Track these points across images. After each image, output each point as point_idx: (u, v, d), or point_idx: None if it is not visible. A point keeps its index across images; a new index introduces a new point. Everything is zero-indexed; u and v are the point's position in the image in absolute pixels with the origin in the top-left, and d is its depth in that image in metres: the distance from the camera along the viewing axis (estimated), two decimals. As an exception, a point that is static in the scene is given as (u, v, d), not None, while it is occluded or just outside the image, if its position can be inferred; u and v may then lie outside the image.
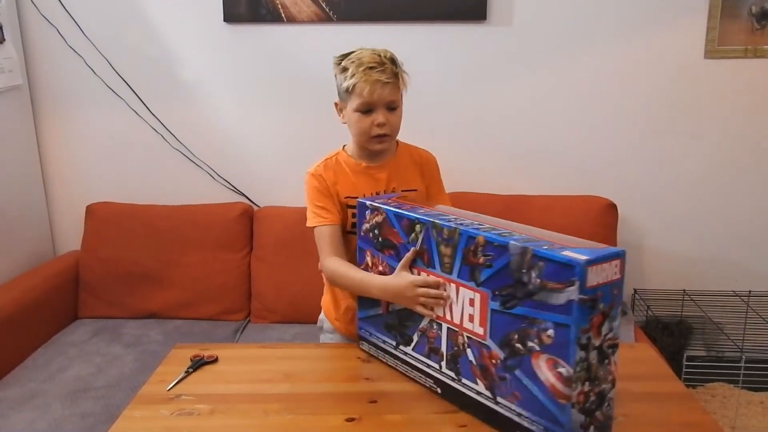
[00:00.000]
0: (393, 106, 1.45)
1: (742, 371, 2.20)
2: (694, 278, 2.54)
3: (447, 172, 2.37)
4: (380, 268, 1.38)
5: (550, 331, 1.01)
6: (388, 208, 1.33)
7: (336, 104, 1.52)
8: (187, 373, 1.39)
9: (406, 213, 1.29)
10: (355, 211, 1.46)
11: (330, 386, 1.37)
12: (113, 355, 2.16)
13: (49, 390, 1.93)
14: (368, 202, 1.39)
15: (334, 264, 1.46)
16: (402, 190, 1.53)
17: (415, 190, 1.55)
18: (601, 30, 2.44)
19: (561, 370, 1.01)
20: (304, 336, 2.26)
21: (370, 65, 1.40)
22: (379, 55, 1.43)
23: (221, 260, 2.47)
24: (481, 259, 1.13)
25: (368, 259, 1.42)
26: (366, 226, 1.41)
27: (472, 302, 1.16)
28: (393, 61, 1.44)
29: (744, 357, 2.19)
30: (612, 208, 2.41)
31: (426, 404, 1.27)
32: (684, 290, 2.48)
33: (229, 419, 1.23)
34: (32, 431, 1.74)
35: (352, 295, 1.52)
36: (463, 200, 2.36)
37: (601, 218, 2.37)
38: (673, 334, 2.42)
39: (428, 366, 1.28)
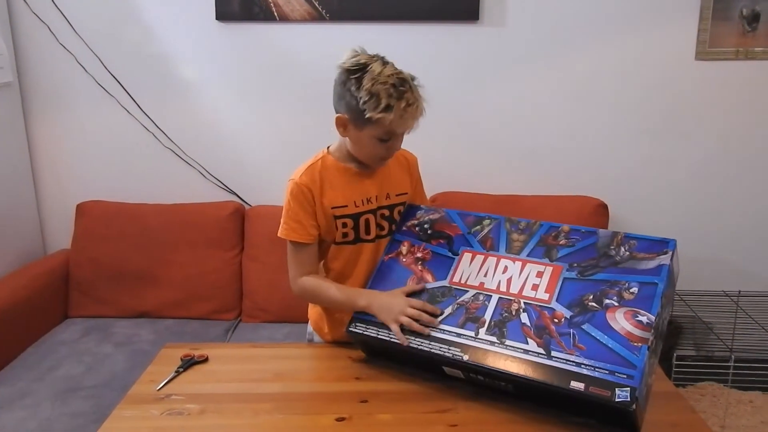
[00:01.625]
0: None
1: (732, 370, 2.21)
2: (685, 278, 2.53)
3: (439, 172, 2.38)
4: (418, 255, 1.43)
5: (634, 289, 1.19)
6: (449, 209, 1.49)
7: (339, 119, 1.39)
8: (178, 373, 1.39)
9: (473, 213, 1.46)
10: (345, 221, 1.45)
11: (321, 386, 1.38)
12: (104, 354, 2.15)
13: (39, 389, 1.92)
14: (423, 206, 1.54)
15: (307, 283, 1.46)
16: (396, 195, 1.52)
17: (406, 194, 1.55)
18: (593, 31, 2.45)
19: (641, 318, 1.15)
20: (296, 335, 2.25)
21: (409, 102, 1.32)
22: (410, 84, 1.34)
23: (213, 259, 2.46)
24: (563, 241, 1.31)
25: (404, 248, 1.45)
26: (413, 222, 1.49)
27: (540, 274, 1.29)
28: (417, 87, 1.37)
29: (733, 356, 2.21)
30: (603, 208, 2.42)
31: (417, 404, 1.27)
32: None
33: (219, 419, 1.22)
34: (22, 431, 1.73)
35: None
36: (454, 200, 2.37)
37: (592, 218, 2.37)
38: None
39: (458, 335, 1.26)
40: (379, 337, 1.34)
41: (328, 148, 1.51)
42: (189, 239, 2.47)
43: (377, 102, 1.30)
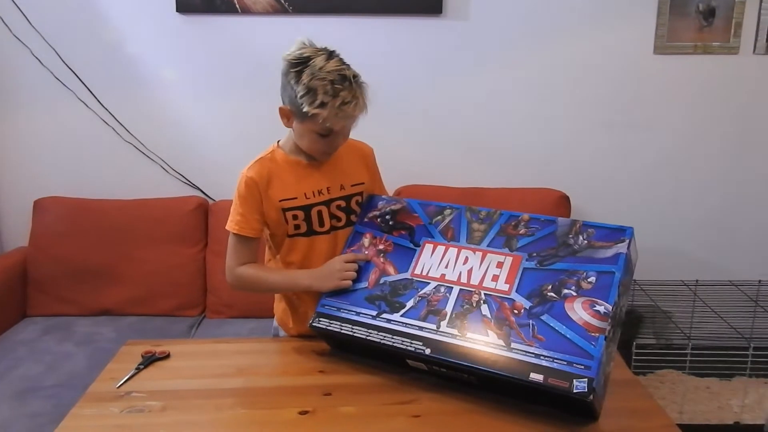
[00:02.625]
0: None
1: (689, 358, 2.27)
2: (645, 269, 2.59)
3: (403, 165, 2.38)
4: (380, 247, 1.43)
5: (592, 278, 1.21)
6: (411, 199, 1.50)
7: (282, 110, 1.41)
8: (138, 370, 1.37)
9: (435, 202, 1.46)
10: (295, 213, 1.45)
11: (284, 380, 1.37)
12: (64, 353, 2.11)
13: (-5, 390, 1.88)
14: (384, 196, 1.55)
15: (245, 272, 1.46)
16: (351, 185, 1.51)
17: (363, 183, 1.54)
18: (554, 26, 2.47)
19: (599, 308, 1.17)
20: (261, 331, 2.23)
21: (345, 101, 1.30)
22: (350, 82, 1.31)
23: (176, 255, 2.43)
24: (523, 231, 1.33)
25: (365, 240, 1.46)
26: (374, 213, 1.50)
27: (500, 264, 1.30)
28: (361, 86, 1.34)
29: (691, 344, 2.26)
30: (565, 200, 2.46)
31: (380, 396, 1.27)
32: (635, 280, 2.54)
33: (180, 415, 1.21)
34: (-22, 432, 1.69)
35: (313, 299, 1.45)
36: (419, 193, 2.37)
37: (554, 210, 2.41)
38: (624, 323, 2.47)
39: (420, 329, 1.26)
40: (343, 332, 1.34)
41: (279, 141, 1.52)
42: (151, 235, 2.43)
43: (313, 97, 1.30)
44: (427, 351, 1.23)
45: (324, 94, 1.29)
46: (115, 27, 2.45)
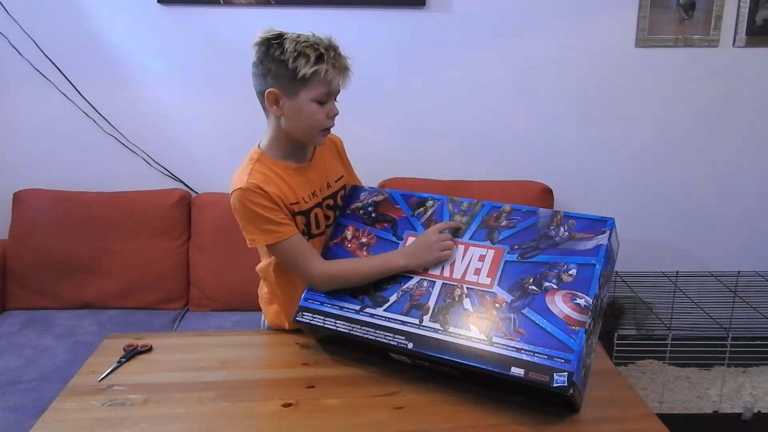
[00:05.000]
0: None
1: (669, 348, 2.30)
2: (626, 260, 2.62)
3: (386, 158, 2.38)
4: (363, 240, 1.42)
5: (572, 271, 1.21)
6: (393, 190, 1.49)
7: (270, 93, 1.32)
8: (120, 363, 1.36)
9: (417, 193, 1.46)
10: (299, 218, 1.40)
11: (267, 372, 1.37)
12: (44, 347, 2.09)
13: (-26, 384, 1.86)
14: (366, 187, 1.53)
15: (331, 269, 1.37)
16: (335, 181, 1.50)
17: (342, 176, 1.54)
18: (536, 18, 2.48)
19: (579, 301, 1.17)
20: (245, 324, 2.24)
21: (337, 53, 1.29)
22: (328, 41, 1.31)
23: (158, 248, 2.42)
24: (504, 223, 1.32)
25: (348, 233, 1.45)
26: (357, 205, 1.49)
27: (482, 258, 1.30)
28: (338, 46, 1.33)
29: (671, 335, 2.29)
30: (547, 192, 2.47)
31: (363, 388, 1.28)
32: (616, 272, 2.56)
33: (162, 408, 1.21)
34: (-43, 428, 1.68)
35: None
36: (401, 185, 2.37)
37: (537, 202, 2.42)
38: (605, 314, 2.50)
39: (403, 323, 1.27)
40: (326, 326, 1.34)
41: (259, 146, 1.41)
42: (134, 228, 2.41)
43: (306, 57, 1.26)
44: (410, 345, 1.24)
45: (315, 51, 1.27)
46: (95, 17, 2.42)
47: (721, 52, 2.52)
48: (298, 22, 2.41)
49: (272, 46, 1.29)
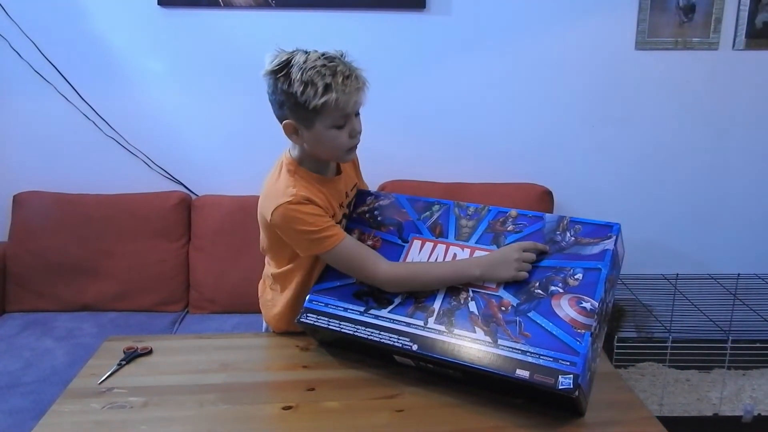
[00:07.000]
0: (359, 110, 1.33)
1: (669, 351, 2.29)
2: (626, 263, 2.61)
3: (386, 160, 2.38)
4: (369, 243, 1.42)
5: (579, 275, 1.21)
6: (400, 194, 1.50)
7: (287, 126, 1.30)
8: (120, 366, 1.36)
9: (423, 198, 1.47)
10: None
11: (267, 375, 1.37)
12: (44, 349, 2.09)
13: (-26, 387, 1.86)
14: (372, 191, 1.54)
15: (396, 271, 1.34)
16: (351, 189, 1.51)
17: (356, 183, 1.54)
18: (537, 21, 2.48)
19: (585, 305, 1.18)
20: (245, 326, 2.23)
21: (345, 74, 1.24)
22: (338, 59, 1.27)
23: (158, 250, 2.42)
24: (511, 227, 1.33)
25: (354, 236, 1.43)
26: (363, 208, 1.49)
27: None
28: (349, 62, 1.30)
29: (671, 337, 2.29)
30: (548, 195, 2.47)
31: (363, 391, 1.27)
32: (616, 274, 2.56)
33: (162, 411, 1.21)
34: (-44, 430, 1.68)
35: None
36: (402, 188, 2.38)
37: (537, 205, 2.42)
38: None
39: (407, 325, 1.26)
40: (330, 327, 1.33)
41: (291, 155, 1.38)
42: (134, 230, 2.41)
43: (314, 87, 1.22)
44: (415, 347, 1.24)
45: (322, 78, 1.22)
46: (95, 19, 2.42)
47: (720, 54, 2.52)
48: (297, 25, 2.42)
49: (279, 79, 1.26)
